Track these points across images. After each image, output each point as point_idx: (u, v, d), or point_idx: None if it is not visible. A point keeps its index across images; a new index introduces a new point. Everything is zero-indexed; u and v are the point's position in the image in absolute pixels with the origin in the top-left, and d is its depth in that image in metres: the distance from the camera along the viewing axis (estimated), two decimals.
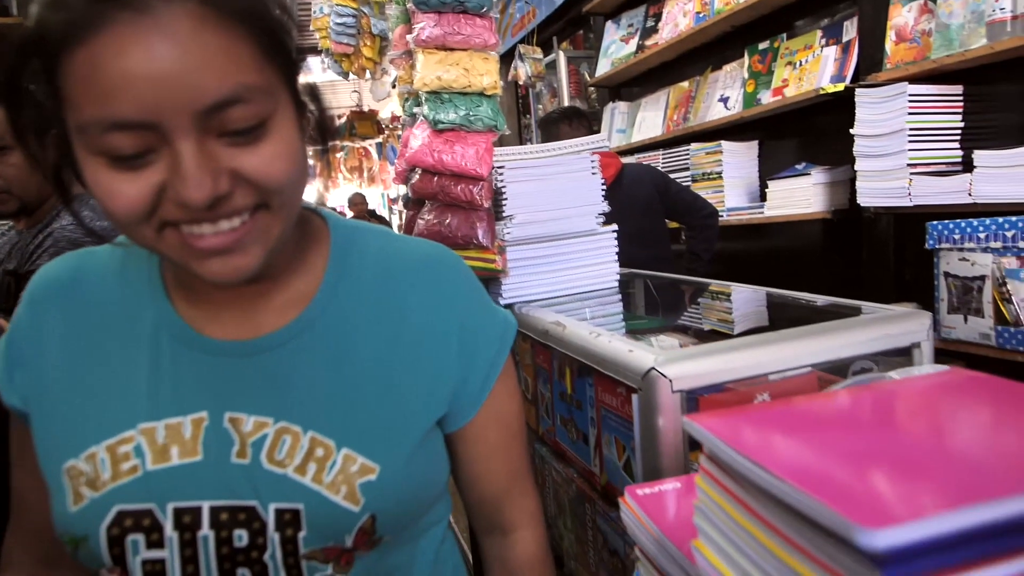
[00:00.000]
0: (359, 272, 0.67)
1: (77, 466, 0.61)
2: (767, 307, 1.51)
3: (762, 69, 2.56)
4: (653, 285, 1.94)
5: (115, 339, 0.64)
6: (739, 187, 2.67)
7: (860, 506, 0.36)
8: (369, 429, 0.63)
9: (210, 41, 0.49)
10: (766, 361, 0.94)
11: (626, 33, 3.50)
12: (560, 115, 2.56)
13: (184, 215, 0.52)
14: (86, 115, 0.49)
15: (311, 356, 0.64)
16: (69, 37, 0.48)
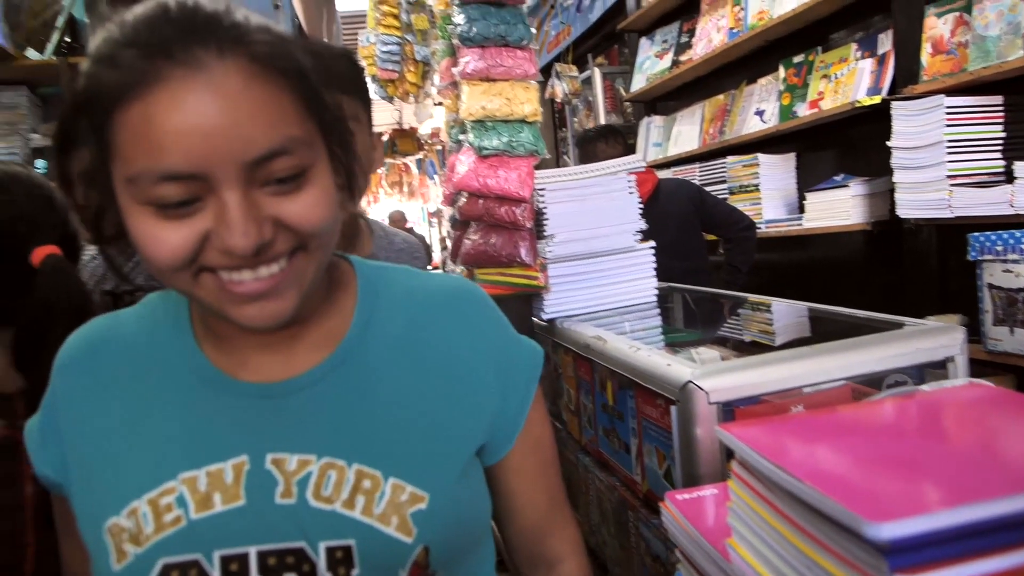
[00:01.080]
0: (388, 309, 0.68)
1: (119, 523, 0.59)
2: (804, 320, 1.54)
3: (797, 82, 2.59)
4: (692, 299, 1.98)
5: (147, 392, 0.63)
6: (777, 199, 2.69)
7: (869, 503, 0.42)
8: (414, 457, 0.62)
9: (258, 96, 0.51)
10: (800, 374, 0.98)
11: (660, 49, 3.55)
12: (596, 133, 2.63)
13: (227, 262, 0.53)
14: (137, 167, 0.50)
15: (347, 391, 0.63)
16: (124, 93, 0.50)
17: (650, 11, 3.58)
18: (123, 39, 0.51)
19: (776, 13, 2.61)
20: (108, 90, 0.50)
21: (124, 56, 0.50)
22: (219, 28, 0.52)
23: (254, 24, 0.54)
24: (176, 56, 0.50)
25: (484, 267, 1.54)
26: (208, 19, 0.52)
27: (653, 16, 3.62)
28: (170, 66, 0.49)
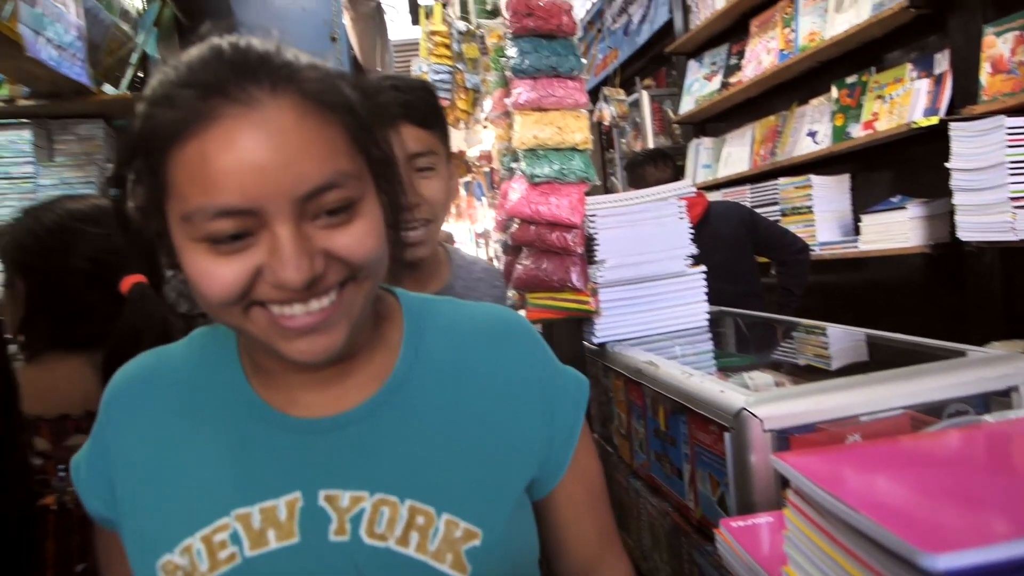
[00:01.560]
0: (434, 342, 0.67)
1: (173, 561, 0.59)
2: (860, 346, 1.51)
3: (851, 103, 2.56)
4: (744, 323, 1.96)
5: (198, 427, 0.63)
6: (831, 221, 2.66)
7: (925, 534, 0.43)
8: (466, 493, 0.62)
9: (310, 132, 0.52)
10: (857, 403, 0.97)
11: (709, 71, 3.56)
12: (645, 157, 2.65)
13: (279, 296, 0.53)
14: (193, 204, 0.51)
15: (396, 426, 0.63)
16: (180, 132, 0.51)
17: (698, 34, 3.59)
18: (179, 79, 0.53)
19: (828, 34, 2.59)
20: (164, 130, 0.52)
21: (181, 96, 0.52)
22: (271, 66, 0.53)
23: (304, 62, 0.56)
24: (231, 94, 0.51)
25: (536, 292, 1.57)
26: (260, 58, 0.54)
27: (701, 39, 3.64)
28: (225, 104, 0.51)
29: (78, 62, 1.79)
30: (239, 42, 0.55)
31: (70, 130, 2.34)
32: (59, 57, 1.79)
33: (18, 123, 2.07)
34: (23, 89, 2.00)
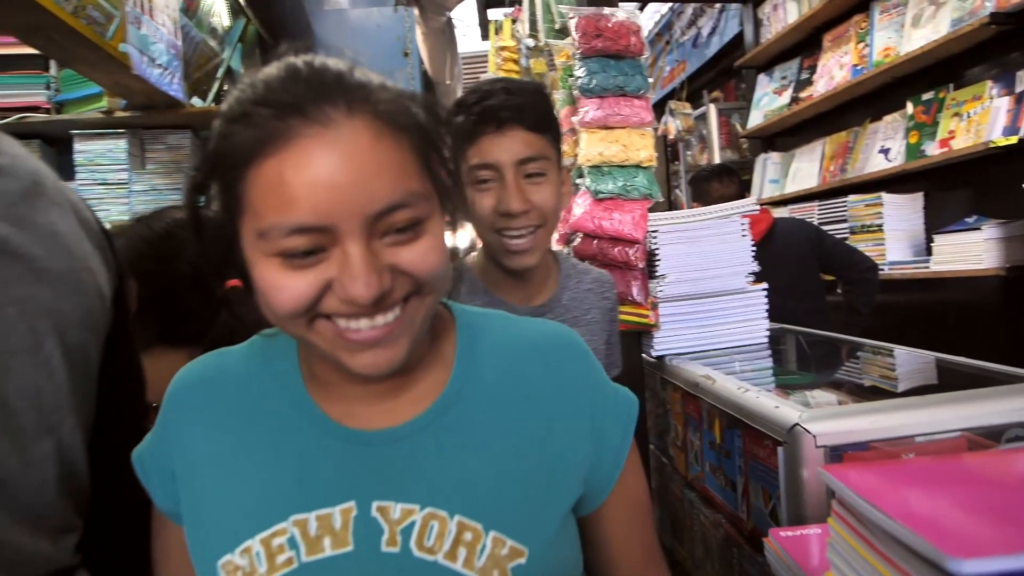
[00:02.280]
0: (486, 358, 0.68)
1: (233, 561, 0.61)
2: (924, 368, 1.50)
3: (926, 120, 2.51)
4: (806, 341, 1.96)
5: (258, 431, 0.65)
6: (902, 240, 2.60)
7: (954, 541, 0.46)
8: (514, 511, 0.62)
9: (382, 152, 0.53)
10: (912, 423, 0.98)
11: (779, 85, 3.53)
12: (710, 173, 2.66)
13: (346, 310, 0.54)
14: (268, 221, 0.52)
15: (447, 442, 0.64)
16: (258, 151, 0.52)
17: (769, 48, 3.56)
18: (256, 98, 0.54)
19: (904, 50, 2.55)
20: (242, 148, 0.53)
21: (258, 115, 0.52)
22: (346, 87, 0.54)
23: (376, 82, 0.56)
24: (308, 114, 0.52)
25: None
26: (336, 78, 0.54)
27: (772, 52, 3.61)
28: (302, 124, 0.52)
29: (175, 79, 1.94)
30: (314, 62, 0.56)
31: (160, 140, 2.48)
32: (159, 75, 1.95)
33: (115, 133, 2.25)
34: (120, 102, 2.17)
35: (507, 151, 1.04)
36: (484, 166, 1.05)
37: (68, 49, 1.47)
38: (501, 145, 1.04)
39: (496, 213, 1.06)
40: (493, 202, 1.06)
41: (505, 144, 1.04)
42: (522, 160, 1.05)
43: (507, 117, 1.04)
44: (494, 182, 1.06)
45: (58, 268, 0.64)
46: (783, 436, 0.99)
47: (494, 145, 1.04)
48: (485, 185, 1.06)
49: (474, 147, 1.06)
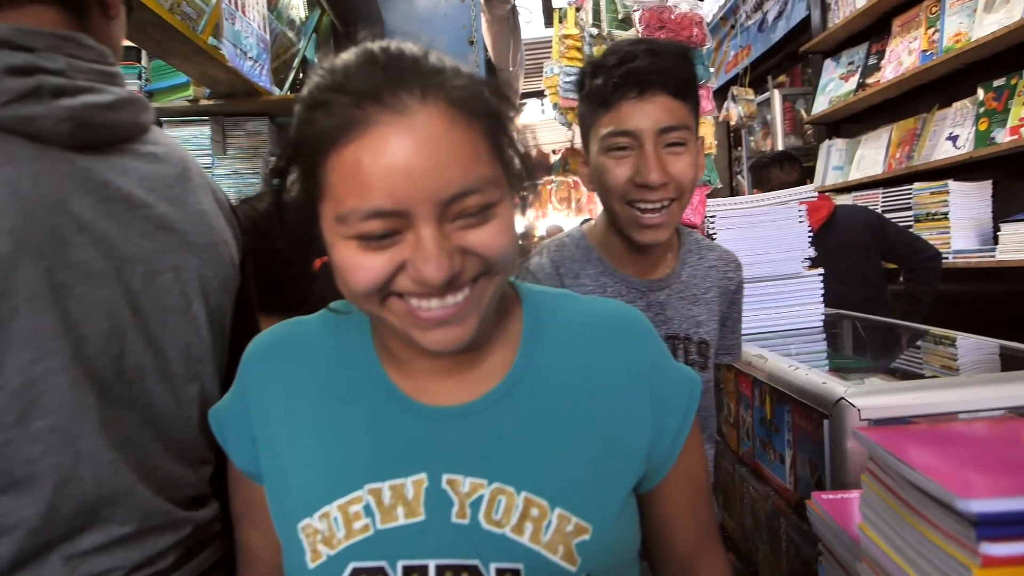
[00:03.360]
0: (552, 336, 0.70)
1: (312, 525, 0.64)
2: (983, 355, 1.51)
3: (997, 107, 2.46)
4: (864, 327, 1.98)
5: (335, 400, 0.67)
6: (968, 229, 2.57)
7: (964, 485, 0.54)
8: (579, 489, 0.65)
9: (456, 139, 0.55)
10: (954, 400, 1.03)
11: (846, 71, 3.48)
12: (771, 159, 2.67)
13: (418, 290, 0.56)
14: (347, 206, 0.54)
15: (515, 419, 0.66)
16: (338, 137, 0.54)
17: (836, 32, 3.52)
18: (335, 85, 0.55)
19: (975, 36, 2.50)
20: (322, 135, 0.55)
21: (337, 102, 0.54)
22: (421, 73, 0.55)
23: (450, 67, 0.57)
24: (385, 102, 0.53)
25: None
26: (411, 64, 0.56)
27: (839, 38, 3.56)
28: (379, 111, 0.53)
29: (264, 71, 2.09)
30: (390, 47, 0.57)
31: (240, 126, 2.63)
32: (250, 67, 2.10)
33: (199, 120, 2.42)
34: (204, 91, 2.34)
35: (649, 118, 0.98)
36: (622, 133, 0.99)
37: (163, 42, 1.58)
38: (643, 111, 0.98)
39: (631, 183, 1.00)
40: (629, 172, 1.00)
41: (648, 111, 0.98)
42: (664, 129, 0.98)
43: (652, 81, 0.97)
44: (631, 150, 1.00)
45: (203, 241, 0.77)
46: (829, 410, 1.06)
47: (635, 111, 0.98)
48: (621, 153, 1.00)
49: (611, 113, 1.00)
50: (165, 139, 0.78)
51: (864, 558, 0.70)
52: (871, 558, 0.68)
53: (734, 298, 1.18)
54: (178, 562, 0.74)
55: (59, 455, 0.64)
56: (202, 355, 0.77)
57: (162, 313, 0.72)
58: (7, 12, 0.65)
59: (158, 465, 0.73)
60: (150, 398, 0.72)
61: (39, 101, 0.62)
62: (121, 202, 0.69)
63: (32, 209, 0.61)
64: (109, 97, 0.68)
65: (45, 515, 0.63)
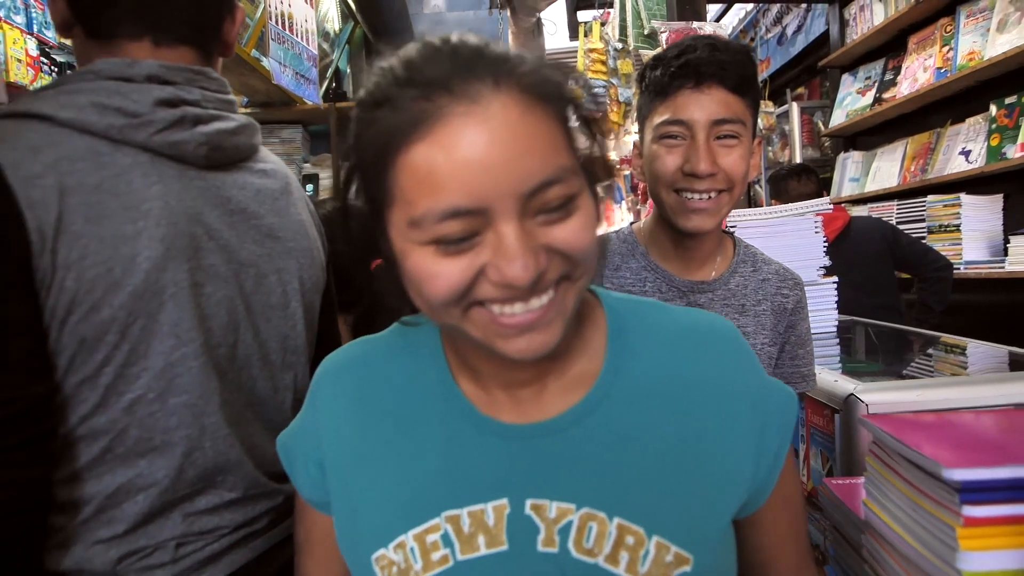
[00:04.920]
0: (640, 346, 0.64)
1: (387, 556, 0.60)
2: (991, 360, 1.59)
3: (1008, 123, 2.55)
4: (876, 333, 2.07)
5: (408, 422, 0.63)
6: (979, 241, 2.66)
7: (950, 458, 0.64)
8: (678, 516, 0.59)
9: (532, 127, 0.50)
10: (958, 397, 1.13)
11: (863, 85, 3.57)
12: (789, 172, 2.77)
13: (501, 295, 0.51)
14: (420, 209, 0.49)
15: (601, 438, 0.60)
16: (407, 135, 0.49)
17: (854, 48, 3.61)
18: (399, 80, 0.51)
19: (988, 55, 2.60)
20: (388, 135, 0.50)
21: (403, 97, 0.50)
22: (490, 60, 0.51)
23: (514, 54, 0.53)
24: (455, 92, 0.49)
25: None
26: (478, 52, 0.52)
27: (857, 53, 3.65)
28: (450, 103, 0.49)
29: (311, 85, 2.23)
30: (451, 38, 0.53)
31: (275, 134, 2.72)
32: (296, 82, 2.23)
33: None
34: (242, 99, 2.46)
35: (703, 109, 0.98)
36: (675, 122, 0.99)
37: None
38: (699, 103, 0.98)
39: (679, 172, 1.00)
40: (679, 161, 0.99)
41: (703, 102, 0.98)
42: (717, 121, 0.98)
43: (709, 73, 0.97)
44: (683, 139, 0.99)
45: (301, 247, 0.89)
46: (840, 405, 1.16)
47: (690, 102, 0.98)
48: (673, 142, 1.00)
49: (667, 102, 1.00)
50: (271, 157, 0.91)
51: (868, 531, 0.80)
52: (873, 529, 0.78)
53: (792, 320, 1.14)
54: (270, 524, 0.86)
55: (189, 428, 0.76)
56: (297, 347, 0.89)
57: (267, 310, 0.85)
58: (162, 50, 0.77)
59: (258, 443, 0.85)
60: (254, 384, 0.84)
61: (183, 128, 0.75)
62: (239, 214, 0.81)
63: (177, 220, 0.74)
64: (233, 124, 0.81)
65: (173, 478, 0.75)
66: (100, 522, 0.73)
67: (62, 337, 0.68)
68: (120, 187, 0.70)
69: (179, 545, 0.77)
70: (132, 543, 0.74)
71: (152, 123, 0.72)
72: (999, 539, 0.61)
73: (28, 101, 0.72)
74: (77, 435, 0.71)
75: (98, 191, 0.69)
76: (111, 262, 0.69)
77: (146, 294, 0.71)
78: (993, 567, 0.61)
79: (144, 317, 0.71)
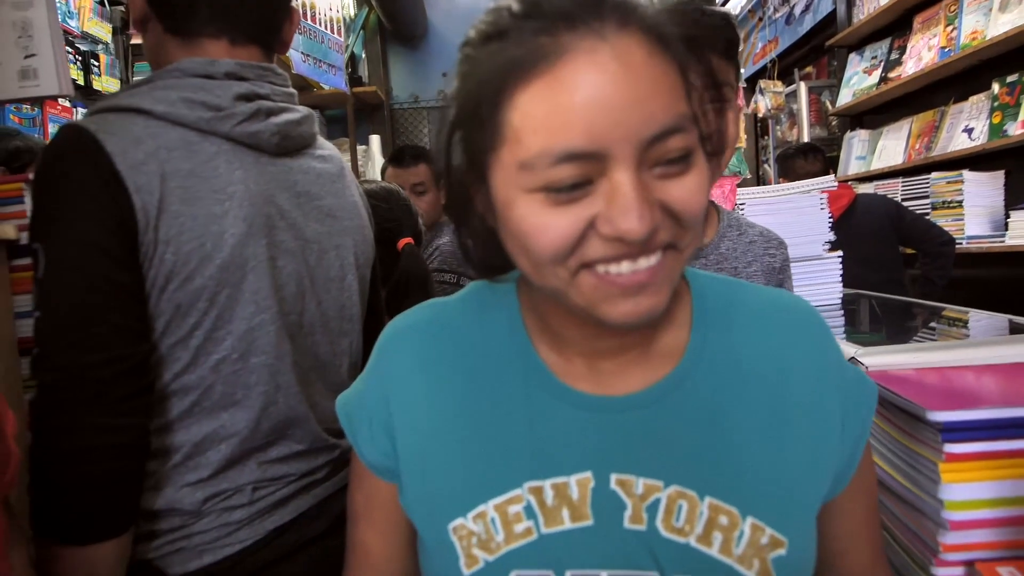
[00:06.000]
0: (727, 324, 0.61)
1: (466, 526, 0.58)
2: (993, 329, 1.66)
3: (1010, 101, 2.62)
4: (879, 305, 2.16)
5: (485, 388, 0.60)
6: (981, 216, 2.73)
7: (935, 402, 0.73)
8: (771, 497, 0.57)
9: (656, 70, 0.48)
10: (955, 359, 1.21)
11: (869, 65, 3.63)
12: (796, 150, 2.85)
13: (610, 251, 0.48)
14: (534, 149, 0.47)
15: (688, 414, 0.58)
16: (526, 70, 0.47)
17: (861, 28, 3.66)
18: (517, 13, 0.49)
19: (991, 34, 2.65)
20: (505, 69, 0.48)
21: (524, 28, 0.48)
22: (615, 2, 0.48)
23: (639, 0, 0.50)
24: (579, 27, 0.47)
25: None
26: None
27: (864, 33, 3.70)
28: (574, 38, 0.46)
29: (338, 72, 2.31)
30: None
31: None
32: (320, 70, 2.32)
33: None
34: None
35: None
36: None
37: None
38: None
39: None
40: None
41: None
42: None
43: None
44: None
45: (355, 225, 0.99)
46: None
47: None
48: None
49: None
50: (328, 145, 1.01)
51: None
52: None
53: (779, 279, 1.21)
54: (328, 475, 0.97)
55: (266, 384, 0.86)
56: (352, 316, 0.99)
57: (327, 282, 0.95)
58: (237, 48, 0.87)
59: (319, 402, 0.95)
60: (317, 348, 0.94)
61: (259, 120, 0.85)
62: (304, 196, 0.91)
63: (256, 202, 0.84)
64: (298, 115, 0.90)
65: (252, 429, 0.86)
66: (188, 467, 0.83)
67: (160, 304, 0.79)
68: (208, 172, 0.80)
69: (255, 489, 0.87)
70: (215, 486, 0.84)
71: (234, 115, 0.82)
72: (976, 472, 0.70)
73: (126, 97, 0.81)
74: (170, 390, 0.82)
75: (191, 176, 0.79)
76: (203, 238, 0.79)
77: (231, 266, 0.81)
78: (971, 497, 0.70)
79: (230, 287, 0.81)
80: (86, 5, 3.18)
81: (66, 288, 0.74)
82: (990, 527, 0.70)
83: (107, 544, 0.74)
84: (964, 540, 0.70)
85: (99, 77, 3.14)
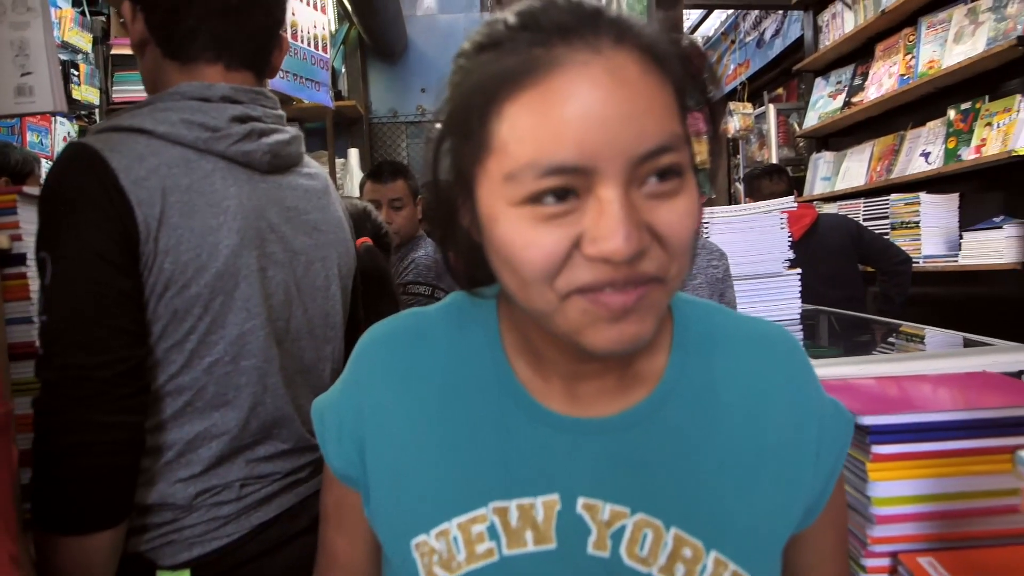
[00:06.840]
0: (707, 353, 0.60)
1: (429, 543, 0.57)
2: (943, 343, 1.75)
3: (964, 127, 2.76)
4: (837, 320, 2.26)
5: (458, 403, 0.59)
6: (937, 236, 2.87)
7: (864, 407, 0.81)
8: (738, 532, 0.56)
9: (650, 87, 0.47)
10: (899, 371, 1.29)
11: (834, 89, 3.77)
12: (762, 172, 2.97)
13: (595, 276, 0.47)
14: (521, 161, 0.46)
15: (661, 442, 0.57)
16: (518, 80, 0.46)
17: (826, 54, 3.80)
18: (513, 25, 0.49)
19: (946, 63, 2.80)
20: (497, 79, 0.47)
21: (518, 39, 0.47)
22: (611, 18, 0.48)
23: (635, 18, 0.51)
24: (574, 40, 0.46)
25: None
26: (596, 9, 0.49)
27: (829, 59, 3.85)
28: (568, 50, 0.46)
29: (323, 88, 2.37)
30: None
31: None
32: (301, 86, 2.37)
33: None
34: None
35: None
36: None
37: None
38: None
39: None
40: None
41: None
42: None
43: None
44: None
45: (338, 239, 1.06)
46: None
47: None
48: None
49: None
50: (313, 163, 1.08)
51: None
52: None
53: (722, 288, 1.31)
54: (311, 475, 1.02)
55: (255, 386, 0.92)
56: (335, 323, 1.05)
57: (313, 291, 1.01)
58: (231, 73, 0.93)
59: (303, 404, 1.00)
60: (303, 353, 1.00)
61: (252, 140, 0.91)
62: (292, 210, 0.97)
63: (248, 216, 0.90)
64: (287, 136, 0.97)
65: (241, 427, 0.91)
66: (180, 464, 0.88)
67: (158, 309, 0.84)
68: (206, 188, 0.86)
69: (242, 486, 0.92)
70: (206, 482, 0.89)
71: (229, 136, 0.88)
72: (900, 471, 0.77)
73: (128, 118, 0.87)
74: (165, 391, 0.87)
75: (189, 191, 0.85)
76: (199, 249, 0.85)
77: (225, 275, 0.87)
78: (896, 494, 0.77)
79: (223, 294, 0.87)
80: (67, 15, 3.20)
81: (71, 294, 0.79)
82: (913, 521, 0.77)
83: (103, 535, 0.79)
84: (889, 533, 0.77)
85: (79, 87, 3.17)
